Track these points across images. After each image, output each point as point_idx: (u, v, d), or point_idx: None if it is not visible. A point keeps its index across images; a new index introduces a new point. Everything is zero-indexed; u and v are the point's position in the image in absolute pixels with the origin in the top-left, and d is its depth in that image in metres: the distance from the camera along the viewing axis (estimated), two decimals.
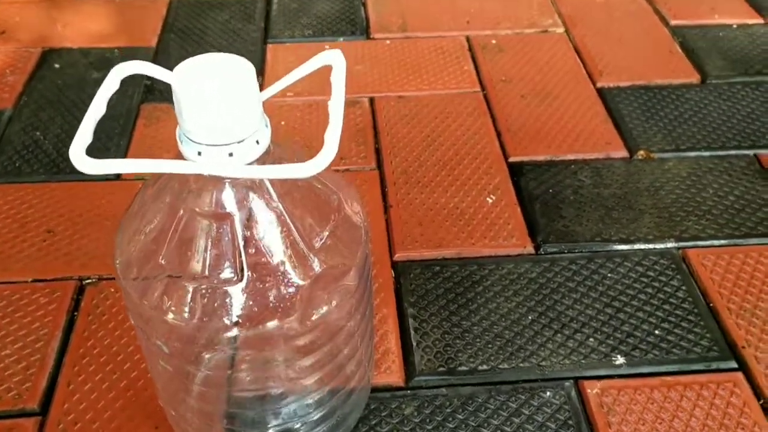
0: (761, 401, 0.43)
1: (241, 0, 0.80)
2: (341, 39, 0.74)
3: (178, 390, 0.38)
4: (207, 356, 0.36)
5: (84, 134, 0.28)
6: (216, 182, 0.30)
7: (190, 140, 0.28)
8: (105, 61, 0.69)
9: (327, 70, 0.31)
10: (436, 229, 0.54)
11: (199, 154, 0.28)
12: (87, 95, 0.65)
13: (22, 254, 0.51)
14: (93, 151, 0.27)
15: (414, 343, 0.46)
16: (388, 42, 0.73)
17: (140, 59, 0.31)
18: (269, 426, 0.38)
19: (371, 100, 0.66)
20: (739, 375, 0.45)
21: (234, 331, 0.32)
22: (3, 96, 0.65)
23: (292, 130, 0.62)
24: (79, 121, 0.64)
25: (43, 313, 0.47)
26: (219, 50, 0.71)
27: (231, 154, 0.28)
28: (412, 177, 0.58)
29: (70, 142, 0.28)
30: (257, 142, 0.29)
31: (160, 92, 0.65)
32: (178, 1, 0.79)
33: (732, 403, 0.43)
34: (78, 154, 0.27)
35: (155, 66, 0.31)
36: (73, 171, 0.58)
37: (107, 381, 0.44)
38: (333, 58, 0.30)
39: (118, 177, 0.57)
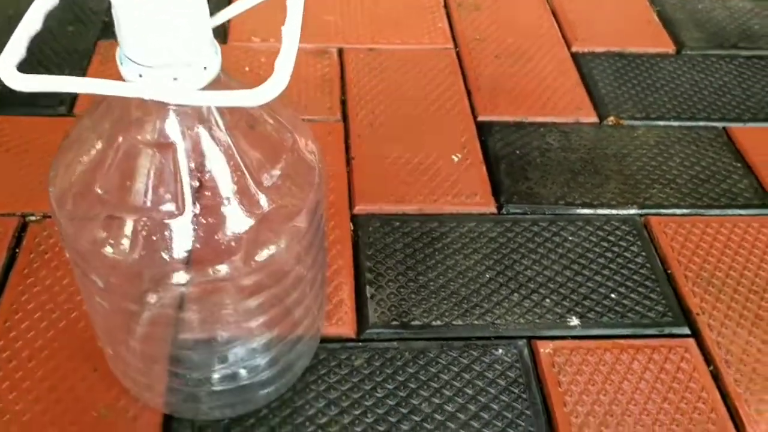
0: (710, 367, 0.43)
1: None
2: None
3: (119, 330, 0.36)
4: (152, 296, 0.35)
5: (15, 47, 0.26)
6: (159, 109, 0.28)
7: (131, 60, 0.26)
8: None
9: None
10: (398, 184, 0.53)
11: (141, 76, 0.26)
12: (44, 29, 0.62)
13: None
14: None
15: (368, 296, 0.45)
16: None
17: None
18: (214, 369, 0.37)
19: (340, 51, 0.64)
20: (691, 341, 0.45)
21: (177, 269, 0.30)
22: None
23: (256, 77, 0.60)
24: (32, 54, 0.61)
25: None
26: None
27: (175, 79, 0.26)
28: (378, 131, 0.57)
29: (22, 72, 0.25)
30: (205, 68, 0.27)
31: None
32: None
33: (682, 368, 0.43)
34: (9, 69, 0.25)
35: None
36: (23, 104, 0.56)
37: (46, 320, 0.42)
38: None
39: (70, 113, 0.55)
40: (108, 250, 0.29)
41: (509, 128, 0.58)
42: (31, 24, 0.27)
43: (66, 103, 0.55)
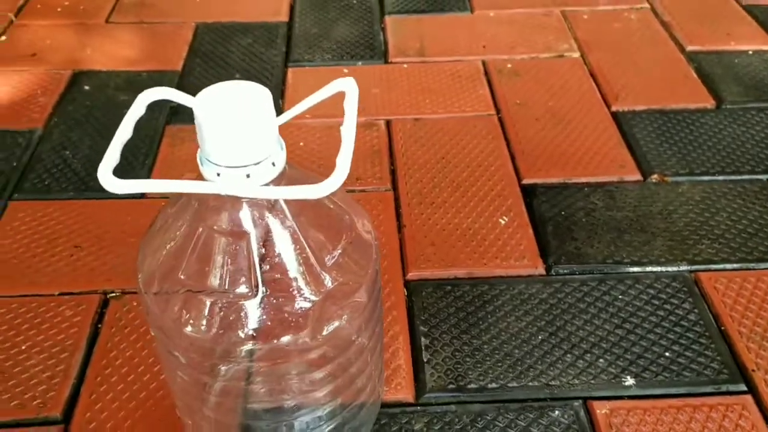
0: None
1: (264, 25, 0.82)
2: (360, 63, 0.76)
3: (195, 400, 0.39)
4: (223, 368, 0.38)
5: (111, 156, 0.30)
6: (234, 202, 0.31)
7: (210, 162, 0.30)
8: (133, 83, 0.72)
9: (343, 94, 0.33)
10: (448, 249, 0.55)
11: (218, 175, 0.30)
12: (115, 116, 0.68)
13: (50, 268, 0.53)
14: (120, 170, 0.29)
15: (424, 360, 0.47)
16: (405, 66, 0.75)
17: (166, 82, 0.33)
18: None
19: (387, 123, 0.67)
20: (749, 398, 0.45)
21: (249, 345, 0.33)
22: (34, 116, 0.68)
23: (310, 151, 0.64)
24: (107, 141, 0.66)
25: (69, 325, 0.49)
26: (241, 73, 0.74)
27: (248, 176, 0.30)
28: (426, 198, 0.60)
29: (99, 161, 0.29)
30: (273, 164, 0.30)
31: (185, 114, 0.68)
32: (204, 27, 0.81)
33: (740, 426, 0.43)
34: (106, 175, 0.29)
35: (179, 92, 0.33)
36: (101, 189, 0.60)
37: (128, 391, 0.45)
38: (346, 84, 0.32)
39: (142, 196, 0.59)
40: (188, 329, 0.32)
41: (554, 190, 0.60)
42: (124, 134, 0.31)
43: None
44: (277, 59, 0.76)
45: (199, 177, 0.31)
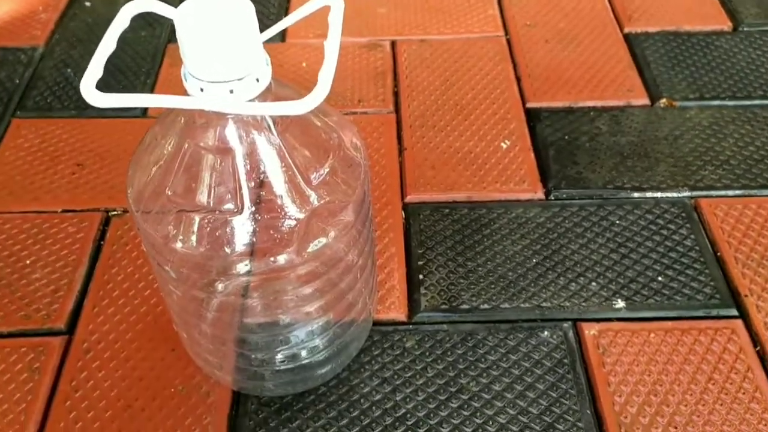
0: (757, 348, 0.44)
1: None
2: None
3: (192, 315, 0.40)
4: (221, 285, 0.39)
5: (94, 69, 0.30)
6: (219, 118, 0.31)
7: (193, 77, 0.29)
8: None
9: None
10: (448, 172, 0.55)
11: (201, 90, 0.29)
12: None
13: (53, 185, 0.54)
14: (120, 88, 0.29)
15: (419, 281, 0.48)
16: None
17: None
18: (277, 350, 0.40)
19: (393, 43, 0.66)
20: (739, 322, 0.45)
21: (240, 261, 0.34)
22: (35, 33, 0.67)
23: (313, 72, 0.63)
24: (108, 59, 0.66)
25: (72, 241, 0.50)
26: None
27: (231, 91, 0.29)
28: (429, 120, 0.59)
29: (100, 80, 0.29)
30: (257, 79, 0.30)
31: None
32: None
33: (728, 349, 0.44)
34: (88, 88, 0.29)
35: (161, 4, 0.32)
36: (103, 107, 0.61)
37: (129, 306, 0.46)
38: None
39: (144, 114, 0.59)
40: (178, 244, 0.33)
41: (558, 114, 0.59)
42: (106, 47, 0.30)
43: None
44: None
45: (184, 92, 0.30)
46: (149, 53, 0.65)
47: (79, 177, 0.54)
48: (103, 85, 0.28)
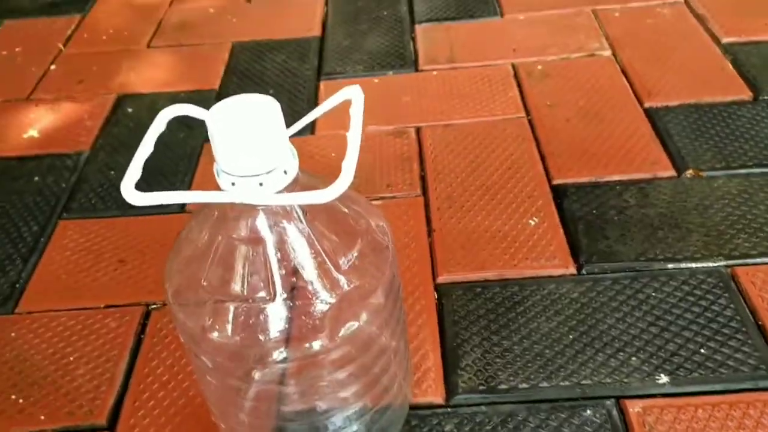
0: None
1: (297, 41, 0.84)
2: (390, 72, 0.77)
3: (229, 405, 0.40)
4: (257, 373, 0.39)
5: (133, 171, 0.32)
6: (250, 210, 0.32)
7: (225, 172, 0.31)
8: (173, 103, 0.75)
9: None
10: (478, 251, 0.55)
11: (233, 184, 0.31)
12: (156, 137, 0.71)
13: (96, 282, 0.56)
14: (161, 188, 0.30)
15: (454, 363, 0.47)
16: (435, 73, 0.76)
17: (204, 101, 0.35)
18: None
19: (417, 130, 0.68)
20: None
21: (276, 348, 0.34)
22: (81, 140, 0.71)
23: (341, 160, 0.65)
24: (148, 161, 0.69)
25: (114, 336, 0.51)
26: (275, 88, 0.76)
27: (261, 184, 0.31)
28: (456, 202, 0.60)
29: (141, 181, 0.31)
30: (285, 172, 0.31)
31: None
32: (239, 46, 0.84)
33: None
34: (128, 188, 0.31)
35: (194, 107, 0.34)
36: (144, 206, 0.64)
37: (168, 398, 0.47)
38: (352, 93, 0.33)
39: (182, 209, 0.62)
40: (214, 334, 0.34)
41: (584, 189, 0.60)
42: (145, 150, 0.33)
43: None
44: (310, 73, 0.78)
45: (217, 188, 0.32)
46: (186, 153, 0.68)
47: (121, 273, 0.56)
48: (146, 185, 0.30)
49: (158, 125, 0.34)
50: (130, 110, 0.75)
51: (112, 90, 0.78)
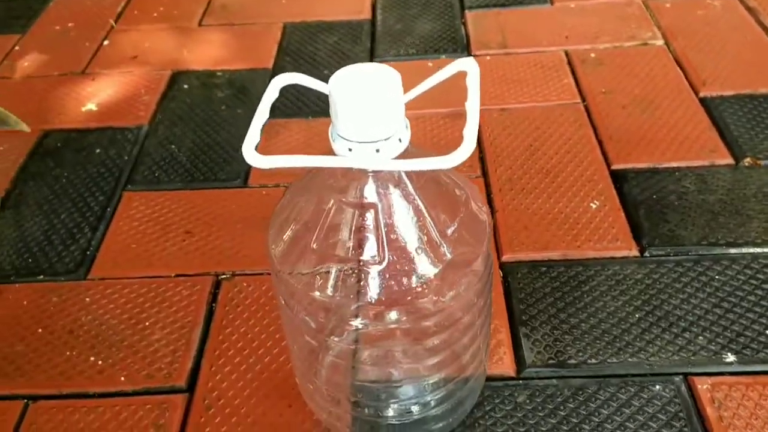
0: None
1: (348, 23, 0.85)
2: (443, 56, 0.78)
3: (314, 363, 0.42)
4: (345, 329, 0.40)
5: (253, 135, 0.33)
6: (361, 176, 0.34)
7: (342, 138, 0.32)
8: (229, 81, 0.76)
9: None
10: (541, 232, 0.56)
11: (350, 150, 0.32)
12: (214, 112, 0.72)
13: (165, 252, 0.57)
14: (222, 162, 0.31)
15: (524, 337, 0.49)
16: (488, 58, 0.77)
17: (259, 80, 0.36)
18: (391, 402, 0.41)
19: None
20: None
21: (379, 310, 0.35)
22: (140, 114, 0.73)
23: (429, 140, 0.66)
24: (208, 135, 0.70)
25: (186, 304, 0.53)
26: (329, 70, 0.77)
27: (378, 150, 0.32)
28: (516, 184, 0.61)
29: (202, 154, 0.32)
30: (400, 140, 0.32)
31: (278, 109, 0.71)
32: (291, 26, 0.85)
33: None
34: (250, 152, 0.32)
35: (308, 77, 0.35)
36: (207, 179, 0.65)
37: (244, 364, 0.48)
38: (467, 64, 0.34)
39: (245, 184, 0.63)
40: (316, 293, 0.35)
41: (644, 175, 0.61)
42: (262, 115, 0.34)
43: (241, 176, 0.63)
44: (363, 55, 0.79)
45: (330, 153, 0.33)
46: (245, 128, 0.69)
47: (189, 244, 0.58)
48: (207, 159, 0.31)
49: (272, 91, 0.35)
50: (185, 86, 0.76)
51: (166, 66, 0.79)
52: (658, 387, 0.45)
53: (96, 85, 0.77)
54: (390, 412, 0.42)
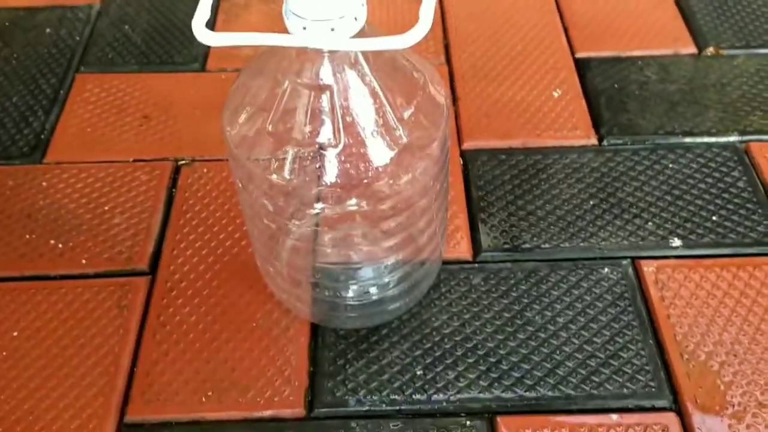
0: None
1: None
2: None
3: (275, 246, 0.42)
4: (309, 216, 0.40)
5: (203, 11, 0.31)
6: (316, 56, 0.33)
7: (296, 15, 0.31)
8: None
9: None
10: (502, 120, 0.56)
11: (304, 28, 0.31)
12: None
13: (122, 137, 0.56)
14: (178, 44, 0.30)
15: (481, 223, 0.50)
16: None
17: None
18: (350, 282, 0.43)
19: None
20: None
21: (336, 193, 0.35)
22: None
23: (384, 24, 0.64)
24: (164, 15, 0.67)
25: (145, 189, 0.52)
26: None
27: (333, 29, 0.31)
28: (480, 71, 0.60)
29: (158, 36, 0.31)
30: (355, 18, 0.32)
31: None
32: None
33: None
34: (200, 28, 0.31)
35: None
36: (163, 62, 0.63)
37: (206, 248, 0.49)
38: None
39: (203, 68, 0.61)
40: (273, 176, 0.35)
41: (607, 63, 0.60)
42: None
43: (199, 60, 0.61)
44: None
45: (284, 32, 0.32)
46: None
47: (146, 129, 0.56)
48: (162, 41, 0.29)
49: None
50: None
51: None
52: (606, 270, 0.47)
53: None
54: (349, 293, 0.44)
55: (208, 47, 0.63)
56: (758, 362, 0.42)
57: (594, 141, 0.55)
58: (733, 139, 0.54)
